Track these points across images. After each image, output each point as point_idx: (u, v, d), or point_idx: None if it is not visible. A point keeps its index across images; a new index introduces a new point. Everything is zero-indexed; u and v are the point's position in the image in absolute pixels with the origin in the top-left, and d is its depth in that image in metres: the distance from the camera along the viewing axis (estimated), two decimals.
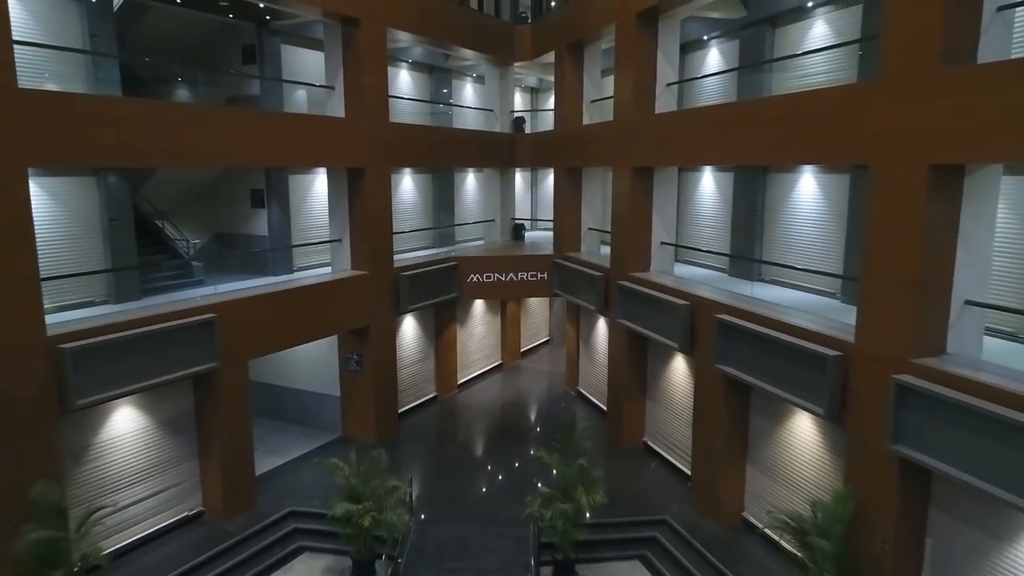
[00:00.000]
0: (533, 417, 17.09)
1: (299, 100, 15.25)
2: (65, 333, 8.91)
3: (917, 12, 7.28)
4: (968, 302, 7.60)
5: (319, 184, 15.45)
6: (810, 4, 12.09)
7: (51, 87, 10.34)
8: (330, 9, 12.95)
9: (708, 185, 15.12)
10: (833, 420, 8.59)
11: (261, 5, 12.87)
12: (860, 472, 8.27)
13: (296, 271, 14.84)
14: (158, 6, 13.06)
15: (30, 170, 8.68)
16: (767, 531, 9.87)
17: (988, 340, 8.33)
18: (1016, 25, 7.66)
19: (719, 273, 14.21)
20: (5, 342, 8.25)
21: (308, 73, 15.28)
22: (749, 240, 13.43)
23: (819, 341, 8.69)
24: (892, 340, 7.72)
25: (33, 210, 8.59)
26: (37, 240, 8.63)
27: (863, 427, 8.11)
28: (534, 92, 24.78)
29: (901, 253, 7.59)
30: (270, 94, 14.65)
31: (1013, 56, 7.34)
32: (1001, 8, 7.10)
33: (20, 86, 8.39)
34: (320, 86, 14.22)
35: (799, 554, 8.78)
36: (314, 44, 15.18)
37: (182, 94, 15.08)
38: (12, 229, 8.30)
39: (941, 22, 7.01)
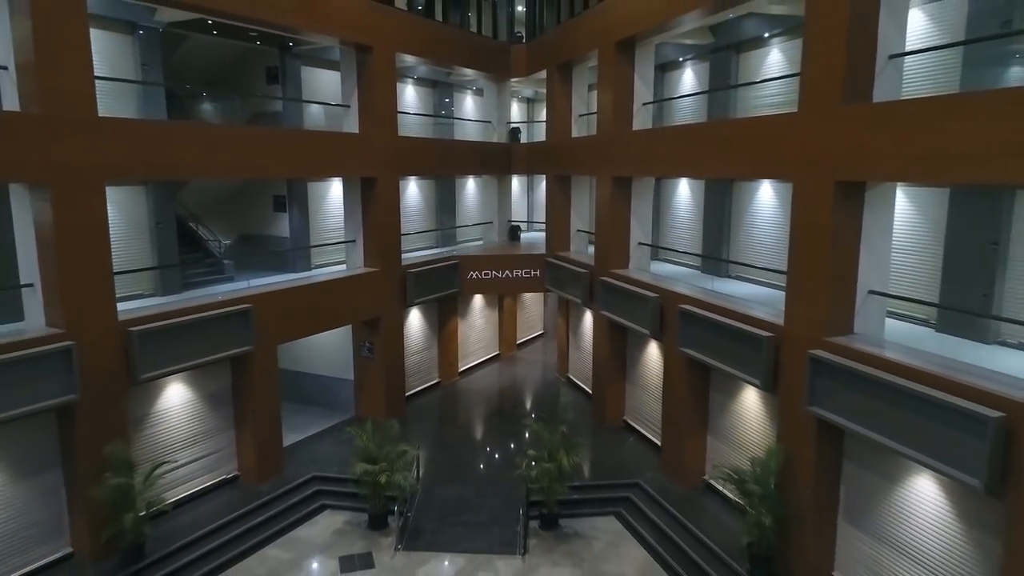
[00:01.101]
0: (526, 400, 18.87)
1: (316, 115, 17.05)
2: (133, 318, 10.74)
3: (824, 57, 9.07)
4: (871, 292, 9.38)
5: (335, 190, 17.26)
6: (766, 35, 13.89)
7: (113, 114, 12.15)
8: (346, 38, 14.76)
9: (684, 192, 16.90)
10: (768, 390, 10.39)
11: (285, 34, 14.68)
12: (788, 431, 10.05)
13: (314, 268, 16.64)
14: (193, 34, 14.86)
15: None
16: (712, 481, 11.65)
17: (895, 323, 10.16)
18: (907, 69, 9.44)
19: (693, 270, 15.99)
20: (89, 325, 10.08)
21: (325, 91, 17.10)
22: (718, 241, 15.22)
23: (757, 325, 10.47)
24: (810, 322, 9.51)
25: None
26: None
27: (789, 394, 9.90)
28: (530, 102, 26.60)
29: (816, 252, 9.37)
30: (291, 110, 16.47)
31: (903, 97, 9.12)
32: (892, 56, 8.88)
33: (99, 115, 10.21)
34: (337, 105, 16.01)
35: (743, 502, 10.57)
36: (331, 65, 16.98)
37: (212, 110, 16.92)
38: (94, 233, 10.14)
39: (842, 67, 8.79)
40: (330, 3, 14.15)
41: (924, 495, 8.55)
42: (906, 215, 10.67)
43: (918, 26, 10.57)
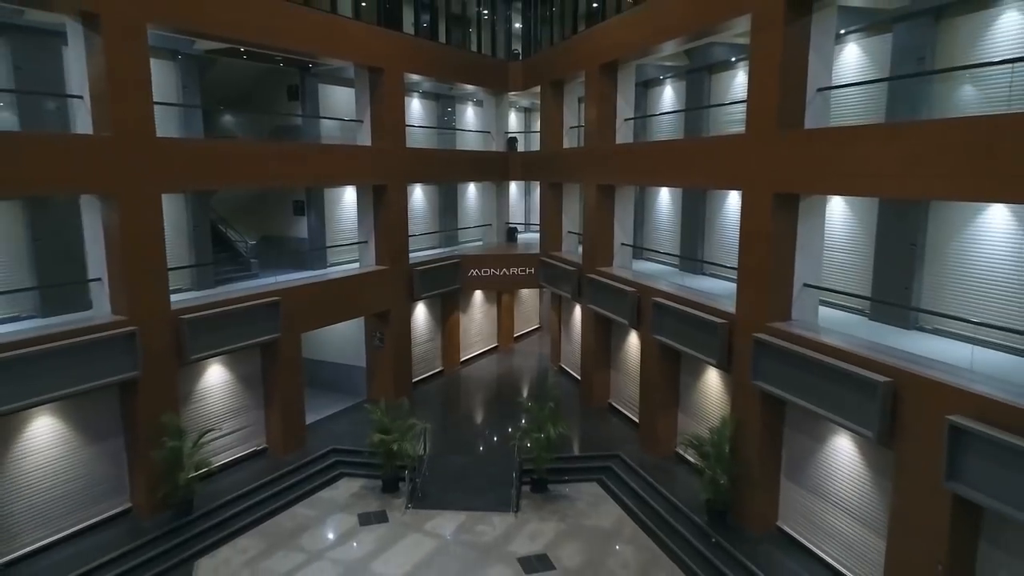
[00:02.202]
0: (522, 386, 20.68)
1: (331, 127, 18.86)
2: (183, 308, 12.60)
3: (763, 88, 10.89)
4: (805, 285, 11.20)
5: (348, 195, 19.11)
6: (733, 59, 15.73)
7: (161, 130, 14.00)
8: (360, 61, 16.61)
9: (665, 198, 18.74)
10: (723, 368, 12.22)
11: (306, 58, 16.53)
12: (739, 403, 11.88)
13: (329, 266, 18.47)
14: (225, 58, 16.69)
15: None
16: (681, 451, 13.48)
17: (836, 313, 12.02)
18: (848, 96, 11.27)
19: (673, 268, 17.80)
20: (149, 313, 11.93)
21: (340, 106, 18.94)
22: (694, 242, 17.05)
23: (714, 314, 12.29)
24: (755, 310, 11.33)
25: None
26: None
27: (739, 371, 11.72)
28: (527, 112, 28.44)
29: (759, 251, 11.19)
30: (310, 123, 18.31)
31: (830, 125, 10.95)
32: (820, 89, 10.70)
33: (157, 135, 12.08)
34: (351, 120, 17.85)
35: (702, 465, 12.38)
36: (345, 82, 18.81)
37: (238, 123, 18.76)
38: (152, 236, 12.01)
39: (777, 97, 10.61)
40: (346, 31, 16.02)
41: (843, 452, 10.39)
42: (845, 221, 12.54)
43: (853, 59, 12.46)
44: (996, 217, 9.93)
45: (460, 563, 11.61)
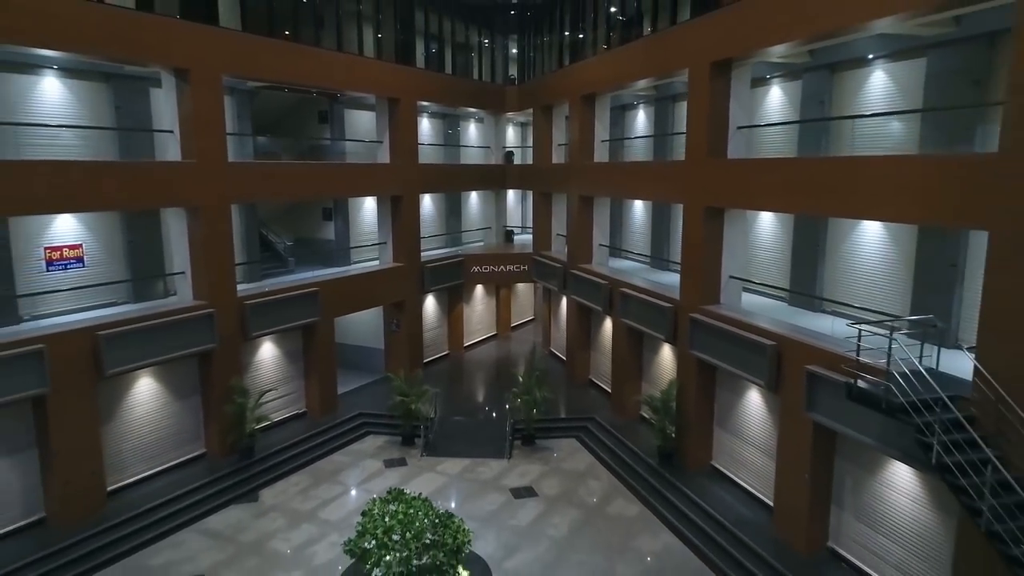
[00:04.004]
0: (517, 366, 23.98)
1: (354, 143, 22.22)
2: (245, 295, 15.98)
3: (697, 126, 14.24)
4: (731, 277, 14.53)
5: (368, 203, 22.47)
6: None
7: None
8: (380, 93, 20.00)
9: (639, 206, 22.09)
10: (671, 343, 15.57)
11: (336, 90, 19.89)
12: (682, 369, 15.23)
13: (353, 264, 21.82)
14: (268, 91, 20.02)
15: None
16: (644, 414, 16.84)
17: (763, 300, 15.35)
18: (772, 132, 14.61)
19: (645, 265, 21.13)
20: (221, 299, 15.31)
21: (362, 127, 22.31)
22: (661, 243, 20.39)
23: (665, 300, 15.62)
24: (692, 296, 14.67)
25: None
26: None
27: (681, 344, 15.06)
28: (524, 127, 31.79)
29: (695, 251, 14.52)
30: (336, 142, 21.69)
31: (749, 156, 14.29)
32: (739, 127, 14.04)
33: (229, 160, 15.47)
34: (372, 141, 21.24)
35: (654, 419, 15.71)
36: (367, 107, 22.16)
37: (275, 142, 22.11)
38: (224, 239, 15.40)
39: (706, 134, 13.96)
40: (369, 69, 19.43)
41: (753, 401, 13.75)
42: (773, 229, 15.85)
43: (776, 98, 15.81)
44: (869, 228, 13.25)
45: (465, 492, 14.98)
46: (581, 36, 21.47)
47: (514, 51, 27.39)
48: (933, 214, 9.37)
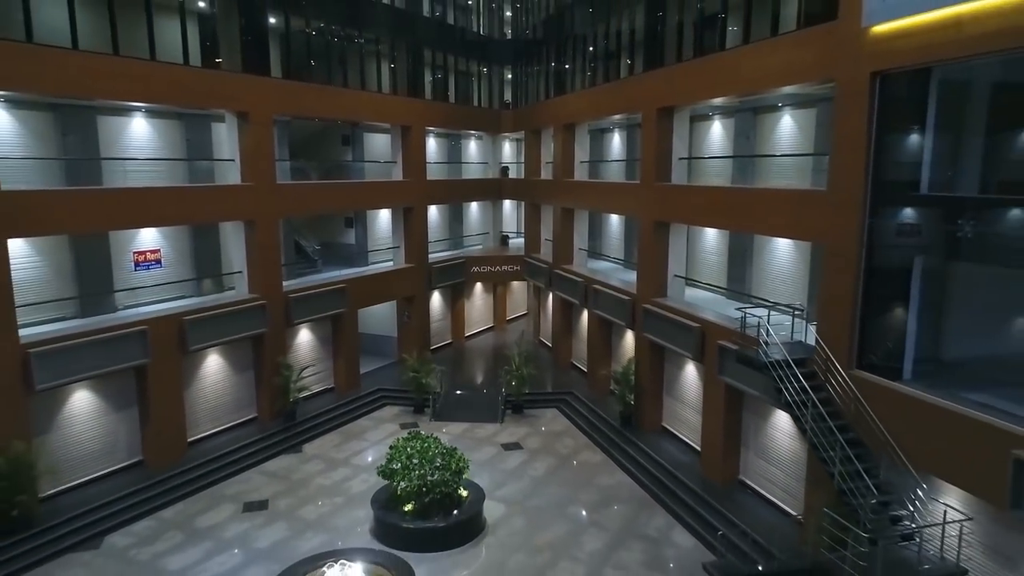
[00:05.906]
0: (511, 352, 27.83)
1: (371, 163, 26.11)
2: (290, 290, 19.89)
3: (648, 155, 18.09)
4: (675, 275, 18.39)
5: (384, 212, 26.36)
6: None
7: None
8: (395, 122, 23.92)
9: (615, 216, 25.93)
10: (631, 328, 19.44)
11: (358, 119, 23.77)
12: (639, 349, 19.08)
13: (370, 264, 25.68)
14: (301, 120, 23.88)
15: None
16: (613, 389, 20.75)
17: (705, 294, 19.21)
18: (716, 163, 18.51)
19: (619, 266, 24.98)
20: (271, 293, 19.21)
21: (378, 148, 26.20)
22: (632, 248, 24.21)
23: (625, 294, 19.47)
24: (645, 290, 18.52)
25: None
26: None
27: (638, 329, 18.91)
28: (519, 142, 35.64)
29: (647, 254, 18.38)
30: (357, 162, 25.59)
31: (688, 183, 18.16)
32: (680, 158, 17.90)
33: (277, 182, 19.40)
34: (387, 162, 25.15)
35: (617, 389, 19.55)
36: (383, 131, 26.05)
37: (301, 165, 26.02)
38: (274, 244, 19.32)
39: (655, 162, 17.81)
40: (386, 104, 23.37)
41: (689, 372, 17.61)
42: (716, 237, 19.67)
43: (717, 132, 19.68)
44: (781, 241, 17.07)
45: (465, 446, 18.74)
46: (566, 66, 25.27)
47: (509, 76, 31.26)
48: (794, 231, 13.26)
